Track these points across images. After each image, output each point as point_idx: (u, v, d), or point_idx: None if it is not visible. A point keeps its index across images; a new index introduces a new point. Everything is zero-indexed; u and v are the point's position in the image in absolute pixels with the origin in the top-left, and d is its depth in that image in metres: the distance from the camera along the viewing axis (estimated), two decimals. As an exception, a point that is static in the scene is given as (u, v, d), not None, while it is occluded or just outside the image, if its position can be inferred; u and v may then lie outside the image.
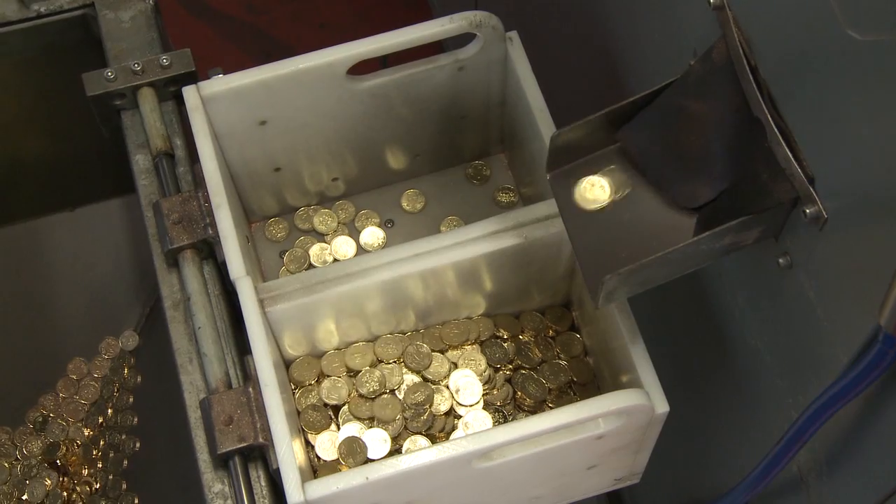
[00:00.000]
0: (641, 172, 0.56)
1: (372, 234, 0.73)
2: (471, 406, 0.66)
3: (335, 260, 0.72)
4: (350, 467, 0.63)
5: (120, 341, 0.82)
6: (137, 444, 0.80)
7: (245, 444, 0.59)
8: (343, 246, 0.72)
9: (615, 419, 0.58)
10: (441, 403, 0.65)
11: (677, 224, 0.55)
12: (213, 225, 0.63)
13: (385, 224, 0.73)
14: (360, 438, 0.64)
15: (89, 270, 0.84)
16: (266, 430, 0.58)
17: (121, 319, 0.82)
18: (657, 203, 0.56)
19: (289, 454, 0.56)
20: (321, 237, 0.73)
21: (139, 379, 0.81)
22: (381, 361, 0.65)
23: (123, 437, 0.80)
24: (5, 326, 0.83)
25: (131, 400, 0.81)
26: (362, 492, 0.56)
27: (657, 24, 0.63)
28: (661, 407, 0.58)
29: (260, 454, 0.60)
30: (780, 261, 0.53)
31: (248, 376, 0.61)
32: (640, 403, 0.56)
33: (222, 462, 0.60)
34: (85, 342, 0.81)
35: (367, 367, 0.65)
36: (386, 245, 0.72)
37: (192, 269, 0.63)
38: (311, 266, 0.72)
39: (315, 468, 0.65)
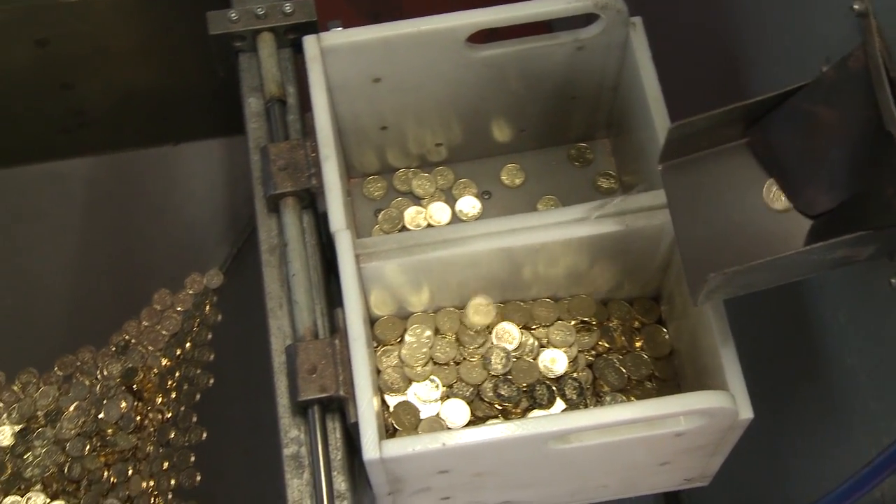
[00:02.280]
0: (766, 173, 0.55)
1: (468, 204, 0.73)
2: (546, 385, 0.66)
3: (429, 225, 0.72)
4: (421, 432, 0.64)
5: (205, 278, 0.83)
6: (211, 381, 0.81)
7: (325, 395, 0.60)
8: (438, 212, 0.72)
9: (697, 419, 0.57)
10: (522, 379, 0.65)
11: (790, 230, 0.54)
12: (318, 175, 0.63)
13: (482, 195, 0.73)
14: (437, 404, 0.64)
15: (184, 206, 0.85)
16: (348, 383, 0.59)
17: (208, 257, 0.84)
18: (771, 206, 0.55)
19: (369, 410, 0.57)
20: (417, 200, 0.73)
21: (219, 317, 0.83)
22: (467, 329, 0.66)
23: (198, 371, 0.81)
24: (100, 250, 0.85)
25: (209, 336, 0.82)
26: (436, 457, 0.57)
27: (789, 25, 0.62)
28: (746, 413, 0.57)
29: (338, 407, 0.61)
30: (893, 281, 0.52)
31: (336, 328, 0.62)
32: (725, 406, 0.56)
33: (301, 409, 0.61)
34: (172, 275, 0.83)
35: (453, 334, 0.65)
36: (481, 216, 0.72)
37: (292, 216, 0.64)
38: (404, 228, 0.72)
39: (388, 428, 0.65)
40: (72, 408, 0.78)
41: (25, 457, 0.76)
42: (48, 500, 0.75)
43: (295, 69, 0.69)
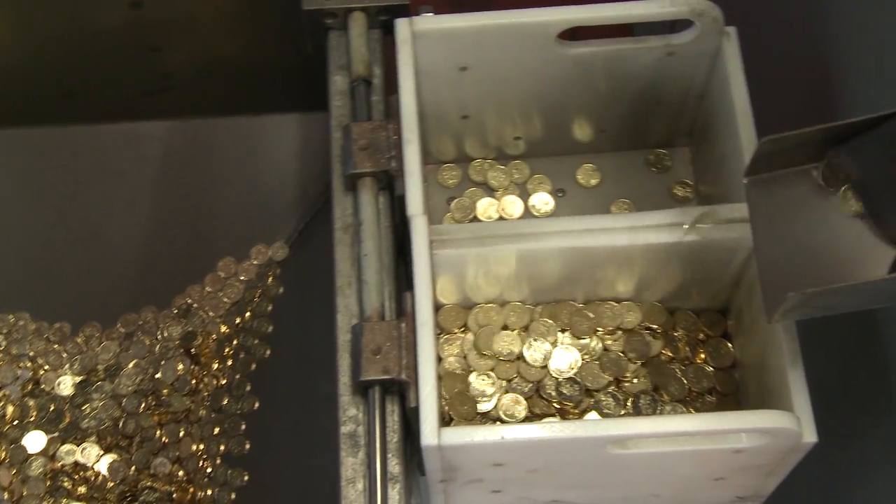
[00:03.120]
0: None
1: (541, 200, 0.73)
2: (605, 388, 0.66)
3: (500, 217, 0.72)
4: (476, 423, 0.65)
5: (271, 250, 0.84)
6: (267, 352, 0.82)
7: (387, 377, 0.60)
8: (511, 205, 0.72)
9: (759, 437, 0.56)
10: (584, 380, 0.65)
11: (876, 255, 0.53)
12: (398, 158, 0.64)
13: (556, 192, 0.73)
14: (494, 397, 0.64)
15: (256, 178, 0.86)
16: (411, 367, 0.59)
17: (275, 230, 0.85)
18: (858, 229, 0.54)
19: (431, 396, 0.57)
20: (491, 192, 0.73)
21: (281, 290, 0.84)
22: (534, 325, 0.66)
23: (256, 342, 0.82)
24: (171, 213, 0.86)
25: (269, 308, 0.83)
26: (493, 449, 0.57)
27: (891, 47, 0.60)
28: (810, 437, 0.56)
29: (398, 390, 0.61)
30: (979, 317, 0.51)
31: (402, 312, 0.62)
32: (790, 428, 0.55)
33: (362, 389, 0.61)
34: (237, 244, 0.84)
35: (520, 328, 0.65)
36: (553, 214, 0.72)
37: (368, 196, 0.64)
38: (475, 218, 0.72)
39: (443, 416, 0.66)
40: (131, 365, 0.79)
41: (83, 408, 0.78)
42: (101, 453, 0.76)
43: (383, 50, 0.70)
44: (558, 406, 0.65)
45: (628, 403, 0.64)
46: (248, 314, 0.83)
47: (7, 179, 0.86)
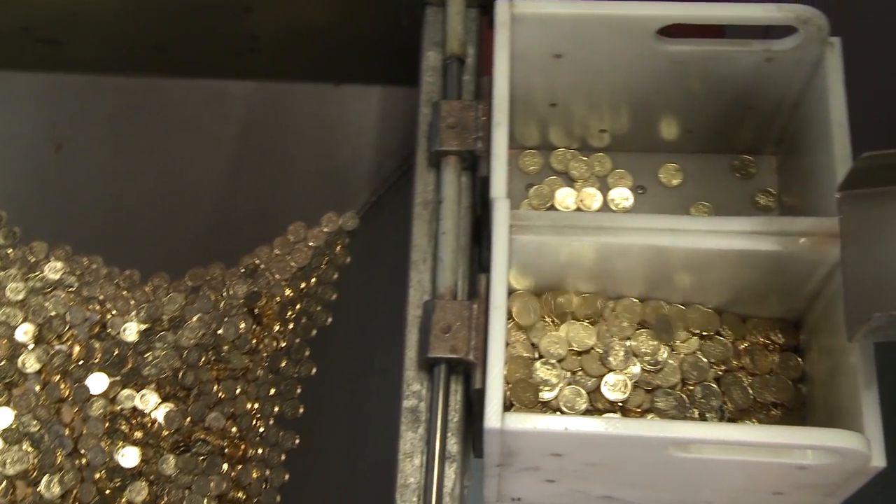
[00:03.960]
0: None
1: (620, 195, 0.72)
2: (670, 390, 0.65)
3: (578, 208, 0.72)
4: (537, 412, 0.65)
5: (341, 219, 0.85)
6: (329, 320, 0.82)
7: (455, 356, 0.60)
8: (589, 197, 0.72)
9: (826, 456, 0.56)
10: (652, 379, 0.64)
11: (969, 285, 0.52)
12: (485, 139, 0.64)
13: (636, 188, 0.73)
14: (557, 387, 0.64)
15: (333, 146, 0.87)
16: (479, 349, 0.59)
17: (347, 200, 0.85)
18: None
19: (498, 379, 0.57)
20: (571, 182, 0.73)
21: (348, 259, 0.84)
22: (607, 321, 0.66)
23: (319, 308, 0.83)
24: (247, 173, 0.87)
25: (335, 277, 0.84)
26: (555, 439, 0.57)
27: None
28: (878, 461, 0.55)
29: (463, 370, 0.61)
30: None
31: (475, 293, 0.62)
32: (859, 450, 0.54)
33: (427, 365, 0.61)
34: (309, 210, 0.84)
35: (588, 321, 0.65)
36: (631, 210, 0.72)
37: (451, 174, 0.64)
38: (552, 207, 0.72)
39: (505, 402, 0.65)
40: (195, 319, 0.81)
41: (146, 356, 0.79)
42: (159, 401, 0.78)
43: (478, 31, 0.69)
44: (621, 404, 0.64)
45: (692, 407, 0.64)
46: (313, 280, 0.84)
47: (93, 125, 0.87)
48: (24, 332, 0.79)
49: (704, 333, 0.66)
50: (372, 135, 0.86)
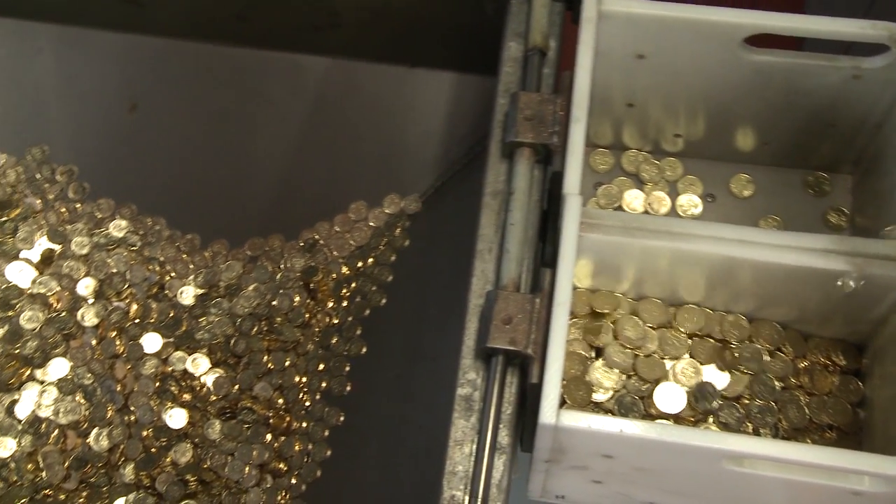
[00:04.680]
0: None
1: (689, 201, 0.71)
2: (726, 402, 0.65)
3: (645, 211, 0.71)
4: (583, 408, 0.64)
5: (404, 202, 0.85)
6: (383, 301, 0.83)
7: (513, 348, 0.60)
8: (658, 201, 0.71)
9: (884, 483, 0.55)
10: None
11: None
12: (561, 134, 0.63)
13: (706, 196, 0.72)
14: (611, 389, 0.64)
15: (402, 128, 0.87)
16: (538, 343, 0.59)
17: (411, 183, 0.85)
18: None
19: (557, 375, 0.57)
20: (640, 185, 0.72)
21: (406, 243, 0.84)
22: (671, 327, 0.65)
23: (374, 288, 0.83)
24: (314, 148, 0.87)
25: (392, 258, 0.84)
26: (608, 440, 0.56)
27: None
28: (937, 493, 0.55)
29: (520, 363, 0.61)
30: None
31: (538, 287, 0.62)
32: (919, 480, 0.54)
33: (484, 355, 0.61)
34: (372, 190, 0.84)
35: (655, 326, 0.65)
36: (700, 218, 0.71)
37: (524, 167, 0.64)
38: (619, 207, 0.72)
39: (557, 396, 0.65)
40: (251, 288, 0.81)
41: (200, 320, 0.80)
42: (210, 366, 0.78)
43: (561, 24, 0.69)
44: (676, 412, 0.64)
45: (747, 422, 0.63)
46: (370, 260, 0.84)
47: (169, 89, 0.88)
48: (86, 287, 0.80)
49: (764, 348, 0.65)
50: (441, 120, 0.86)
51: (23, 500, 0.74)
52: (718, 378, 0.64)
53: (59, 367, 0.78)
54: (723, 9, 0.63)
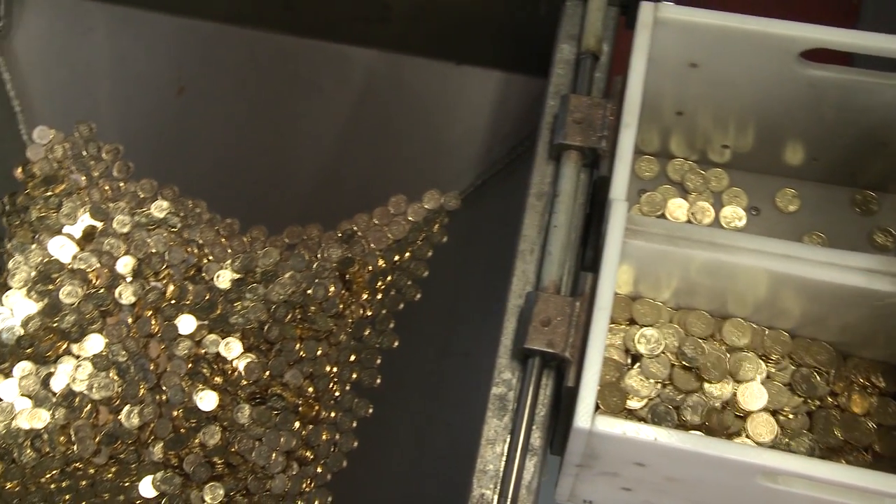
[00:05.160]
0: None
1: (733, 213, 0.71)
2: (755, 412, 0.64)
3: (688, 221, 0.71)
4: (617, 415, 0.64)
5: (443, 198, 0.85)
6: (418, 296, 0.83)
7: (551, 351, 0.60)
8: (701, 211, 0.71)
9: (919, 508, 0.54)
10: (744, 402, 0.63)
11: None
12: (609, 139, 0.63)
13: (750, 209, 0.71)
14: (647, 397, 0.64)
15: (446, 124, 0.86)
16: (576, 347, 0.59)
17: (451, 180, 0.85)
18: None
19: (594, 379, 0.56)
20: (684, 194, 0.72)
21: (444, 239, 0.84)
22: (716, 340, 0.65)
23: (409, 283, 0.83)
24: (357, 140, 0.87)
25: (429, 254, 0.84)
26: (642, 448, 0.56)
27: None
28: (973, 522, 0.54)
29: (556, 366, 0.61)
30: None
31: (578, 291, 0.62)
32: (956, 508, 0.53)
33: (521, 356, 0.61)
34: (412, 185, 0.85)
35: (698, 338, 0.64)
36: (743, 230, 0.70)
37: (571, 169, 0.64)
38: (662, 216, 0.71)
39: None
40: (287, 275, 0.82)
41: (235, 305, 0.80)
42: (242, 351, 0.79)
43: (615, 29, 0.69)
44: (709, 423, 0.63)
45: (783, 438, 0.63)
46: (407, 254, 0.85)
47: (216, 73, 0.88)
48: (125, 265, 0.81)
49: (804, 364, 0.64)
50: (485, 119, 0.86)
51: (53, 472, 0.75)
52: (757, 393, 0.63)
53: (94, 343, 0.78)
54: (780, 21, 0.63)
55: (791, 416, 0.63)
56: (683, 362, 0.64)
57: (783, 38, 0.62)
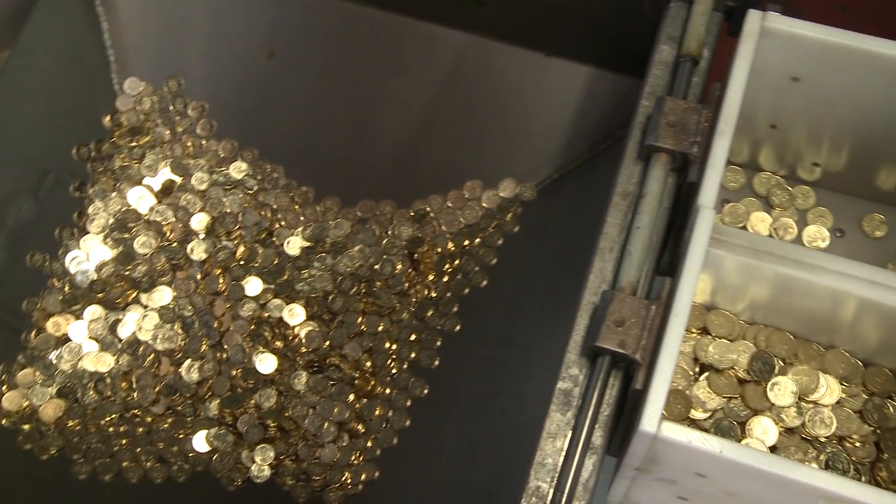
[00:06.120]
0: None
1: (816, 233, 0.70)
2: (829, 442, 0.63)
3: (770, 236, 0.70)
4: (675, 421, 0.63)
5: (519, 187, 0.85)
6: (484, 282, 0.83)
7: (621, 351, 0.59)
8: (784, 228, 0.70)
9: (985, 552, 0.53)
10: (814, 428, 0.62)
11: None
12: (701, 145, 0.62)
13: (835, 231, 0.70)
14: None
15: (529, 114, 0.86)
16: (647, 350, 0.59)
17: (529, 170, 0.84)
18: None
19: (665, 384, 0.56)
20: (768, 208, 0.71)
21: (516, 229, 0.84)
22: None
23: (476, 269, 0.83)
24: (438, 121, 0.87)
25: (500, 242, 0.84)
26: (705, 458, 0.56)
27: None
28: None
29: (625, 367, 0.61)
30: None
31: (655, 295, 0.61)
32: None
33: (590, 353, 0.61)
34: (489, 171, 0.84)
35: (778, 355, 0.63)
36: (825, 251, 0.69)
37: (660, 171, 0.63)
38: (743, 228, 0.70)
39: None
40: (356, 248, 0.82)
41: (303, 272, 0.81)
42: (305, 318, 0.79)
43: (718, 35, 0.68)
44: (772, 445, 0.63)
45: (849, 465, 0.62)
46: (477, 240, 0.84)
47: (308, 41, 0.89)
48: (199, 222, 0.82)
49: (875, 393, 0.63)
50: (569, 113, 0.86)
51: (113, 416, 0.77)
52: (827, 419, 0.62)
53: (163, 295, 0.80)
54: (891, 42, 0.61)
55: (858, 444, 0.62)
56: (755, 378, 0.63)
57: (893, 59, 0.61)
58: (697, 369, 0.65)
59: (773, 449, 0.63)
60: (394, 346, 0.80)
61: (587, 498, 0.58)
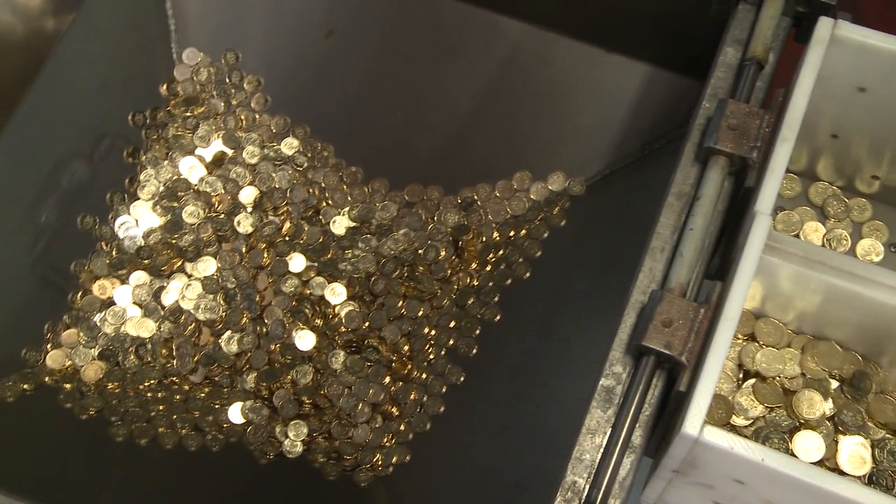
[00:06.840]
0: None
1: (871, 247, 0.69)
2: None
3: (822, 246, 0.69)
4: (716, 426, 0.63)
5: (568, 182, 0.84)
6: (527, 274, 0.82)
7: (667, 352, 0.59)
8: (837, 239, 0.69)
9: None
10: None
11: None
12: (762, 150, 0.62)
13: (889, 246, 0.69)
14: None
15: (583, 109, 0.86)
16: (693, 353, 0.58)
17: (578, 165, 0.84)
18: None
19: (709, 388, 0.55)
20: (823, 219, 0.70)
21: (563, 223, 0.84)
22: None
23: (520, 260, 0.83)
24: (490, 110, 0.86)
25: (545, 235, 0.84)
26: (745, 466, 0.55)
27: None
28: None
29: (669, 368, 0.60)
30: None
31: (704, 298, 0.61)
32: None
33: (635, 352, 0.61)
34: (539, 163, 0.84)
35: (831, 368, 0.63)
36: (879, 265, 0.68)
37: (717, 175, 0.63)
38: (796, 237, 0.69)
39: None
40: (401, 232, 0.82)
41: (346, 252, 0.81)
42: (346, 298, 0.80)
43: (785, 40, 0.67)
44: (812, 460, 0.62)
45: (894, 482, 0.61)
46: (523, 232, 0.84)
47: (366, 22, 0.89)
48: (247, 195, 0.82)
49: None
50: (624, 110, 0.85)
51: (151, 381, 0.77)
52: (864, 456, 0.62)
53: (207, 266, 0.80)
54: (965, 58, 0.60)
55: (886, 461, 0.62)
56: (848, 396, 0.62)
57: (964, 75, 0.60)
58: (741, 376, 0.64)
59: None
60: (433, 332, 0.80)
61: (623, 496, 0.58)
